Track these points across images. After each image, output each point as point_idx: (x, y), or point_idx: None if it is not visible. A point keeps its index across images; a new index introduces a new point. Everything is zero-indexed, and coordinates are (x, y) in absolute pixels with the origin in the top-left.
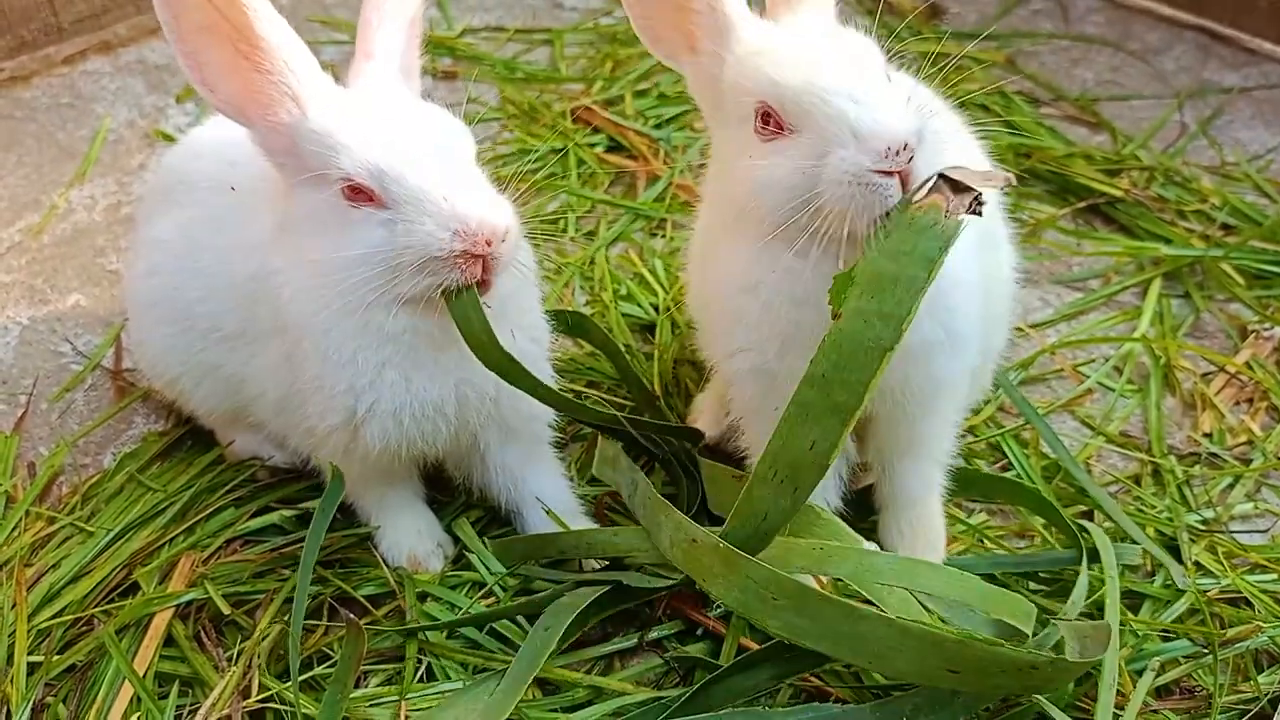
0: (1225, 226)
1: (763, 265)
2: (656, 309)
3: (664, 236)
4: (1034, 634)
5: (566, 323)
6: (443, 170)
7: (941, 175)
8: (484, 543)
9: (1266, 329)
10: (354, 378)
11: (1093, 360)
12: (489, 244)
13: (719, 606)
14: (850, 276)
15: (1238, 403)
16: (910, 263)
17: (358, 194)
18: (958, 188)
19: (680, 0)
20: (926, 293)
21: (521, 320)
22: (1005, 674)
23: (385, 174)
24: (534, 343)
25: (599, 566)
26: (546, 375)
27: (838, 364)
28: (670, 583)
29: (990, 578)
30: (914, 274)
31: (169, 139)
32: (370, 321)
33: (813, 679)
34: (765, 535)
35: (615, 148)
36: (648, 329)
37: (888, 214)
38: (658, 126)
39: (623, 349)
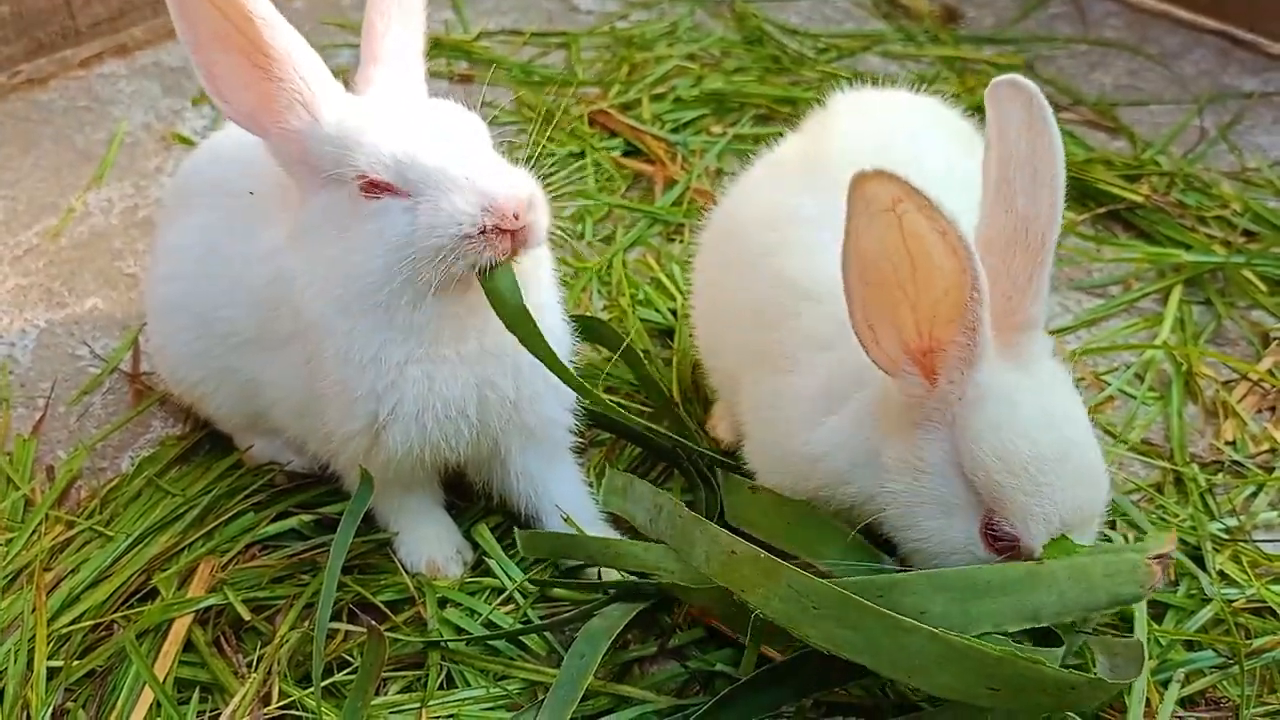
0: (1247, 232)
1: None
2: (674, 314)
3: (681, 241)
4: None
5: (584, 328)
6: (461, 152)
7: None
8: (503, 549)
9: None
10: (376, 379)
11: (1115, 369)
12: (518, 217)
13: None
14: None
15: (1260, 410)
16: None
17: (375, 187)
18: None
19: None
20: None
21: (542, 322)
22: (1043, 692)
23: (403, 162)
24: (556, 345)
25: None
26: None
27: None
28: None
29: None
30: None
31: (186, 142)
32: (395, 318)
33: (837, 693)
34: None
35: (632, 152)
36: (666, 334)
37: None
38: (675, 130)
39: (641, 354)
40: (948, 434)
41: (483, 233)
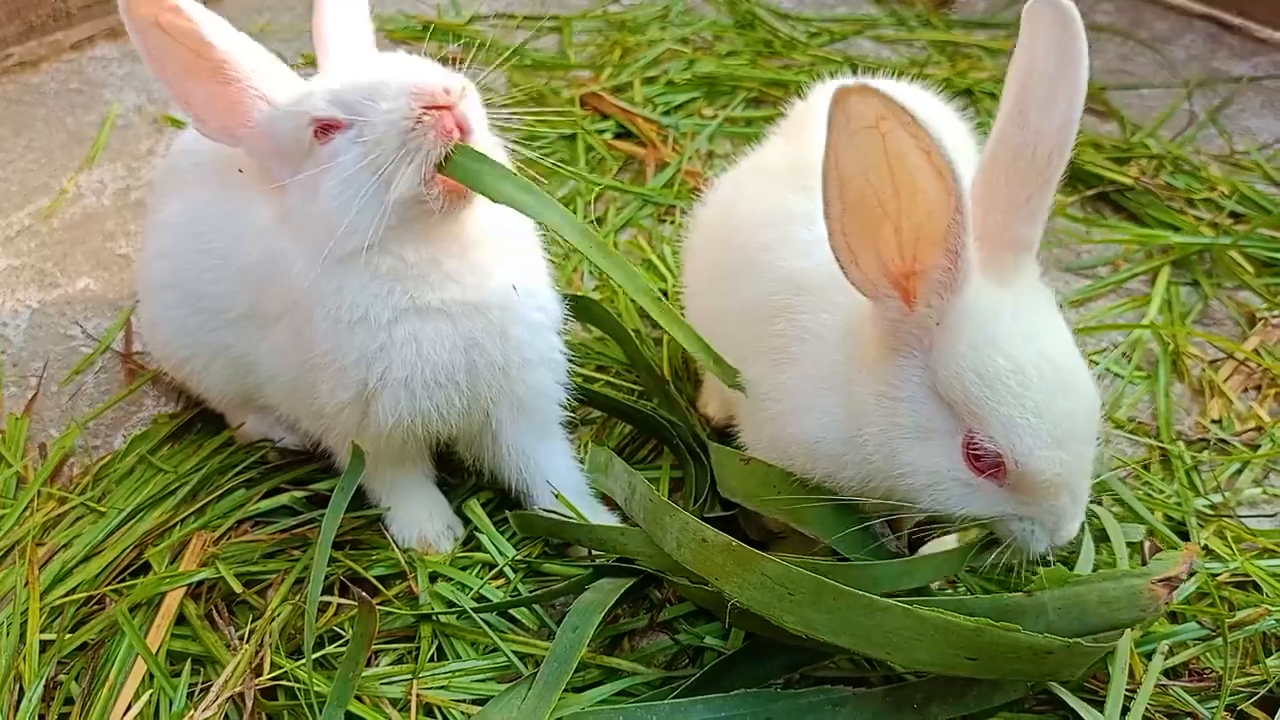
0: (1234, 214)
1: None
2: (665, 294)
3: (672, 222)
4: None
5: (575, 307)
6: (392, 66)
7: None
8: (494, 525)
9: (1275, 316)
10: (365, 341)
11: (1103, 349)
12: (448, 92)
13: None
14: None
15: (1246, 389)
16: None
17: (326, 130)
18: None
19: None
20: None
21: (534, 299)
22: (1021, 659)
23: (341, 92)
24: (541, 311)
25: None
26: (556, 348)
27: None
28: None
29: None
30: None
31: (177, 124)
32: (379, 266)
33: (825, 665)
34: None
35: (624, 134)
36: None
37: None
38: (666, 113)
39: (631, 334)
40: (923, 360)
41: (420, 121)
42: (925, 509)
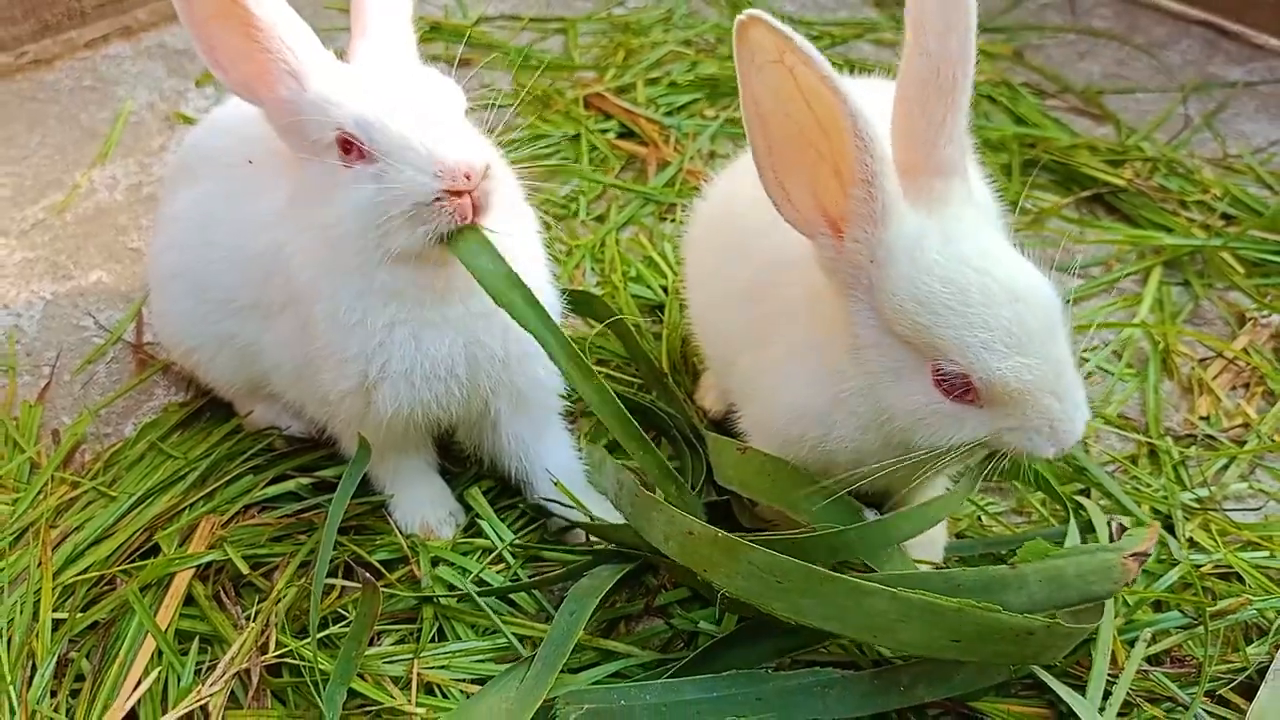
0: (1226, 216)
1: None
2: (665, 290)
3: (673, 221)
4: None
5: (576, 302)
6: (425, 119)
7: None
8: (495, 511)
9: (1264, 316)
10: (364, 340)
11: (1095, 347)
12: (469, 178)
13: None
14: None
15: (1234, 387)
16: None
17: (350, 150)
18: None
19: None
20: None
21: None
22: (1003, 640)
23: (370, 124)
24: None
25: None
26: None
27: None
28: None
29: (988, 555)
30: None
31: (189, 121)
32: (374, 281)
33: (817, 650)
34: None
35: (626, 134)
36: (657, 309)
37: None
38: (669, 114)
39: (631, 328)
40: (870, 301)
41: (438, 200)
42: (922, 448)
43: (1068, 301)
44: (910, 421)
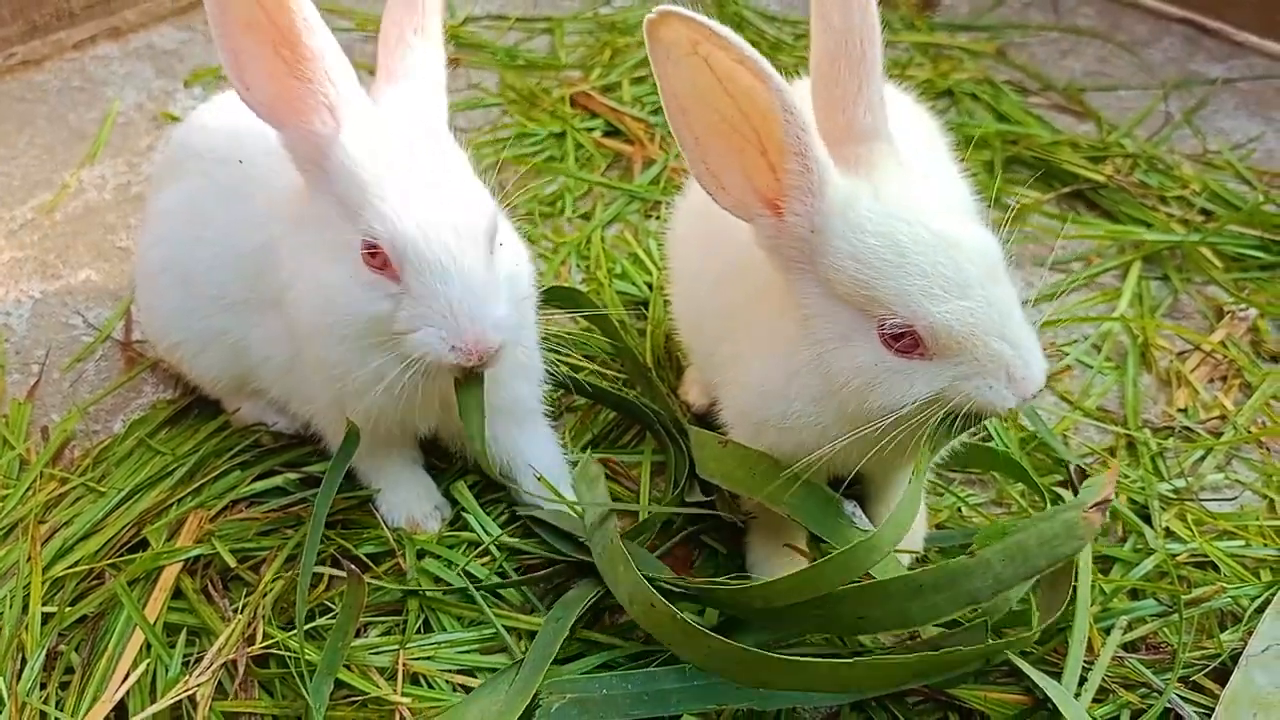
0: (1204, 212)
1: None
2: (650, 286)
3: (658, 218)
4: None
5: (562, 298)
6: (457, 265)
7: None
8: (480, 505)
9: (1241, 309)
10: (345, 354)
11: (1074, 340)
12: (481, 360)
13: (701, 563)
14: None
15: (1212, 380)
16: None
17: (375, 255)
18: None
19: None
20: None
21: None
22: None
23: (406, 258)
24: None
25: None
26: (531, 344)
27: None
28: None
29: (967, 546)
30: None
31: (176, 121)
32: (361, 343)
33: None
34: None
35: (612, 132)
36: (641, 305)
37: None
38: (654, 112)
39: (616, 324)
40: (813, 271)
41: (447, 366)
42: (878, 414)
43: (1053, 296)
44: (862, 384)
